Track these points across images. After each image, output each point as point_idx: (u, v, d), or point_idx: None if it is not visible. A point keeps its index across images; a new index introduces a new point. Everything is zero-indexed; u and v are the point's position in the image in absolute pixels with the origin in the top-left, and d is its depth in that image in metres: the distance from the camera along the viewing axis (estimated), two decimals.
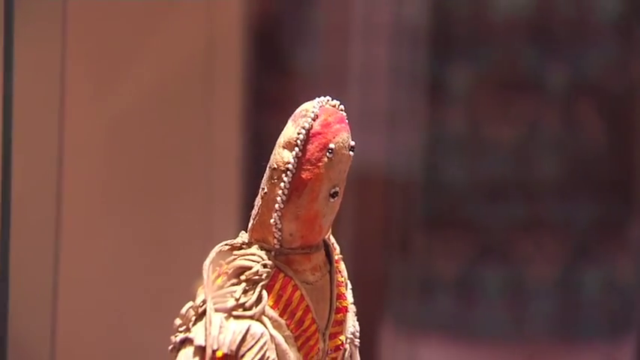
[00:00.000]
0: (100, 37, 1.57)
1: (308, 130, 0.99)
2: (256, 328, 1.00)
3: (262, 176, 1.02)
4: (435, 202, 1.82)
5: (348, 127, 1.01)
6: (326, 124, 1.00)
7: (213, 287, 1.02)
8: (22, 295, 1.28)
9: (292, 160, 0.99)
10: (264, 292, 1.01)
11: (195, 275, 1.03)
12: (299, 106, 1.03)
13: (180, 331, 1.01)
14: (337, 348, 1.06)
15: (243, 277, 1.01)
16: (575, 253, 2.17)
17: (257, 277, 1.01)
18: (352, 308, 1.09)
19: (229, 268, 1.02)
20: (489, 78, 2.09)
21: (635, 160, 2.18)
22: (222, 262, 1.03)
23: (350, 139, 1.02)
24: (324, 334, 1.04)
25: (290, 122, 1.01)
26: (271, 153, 1.01)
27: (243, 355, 0.99)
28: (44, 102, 1.28)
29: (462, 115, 2.13)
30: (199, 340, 0.99)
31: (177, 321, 1.02)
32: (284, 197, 1.00)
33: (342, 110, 1.02)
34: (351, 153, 1.02)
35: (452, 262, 2.10)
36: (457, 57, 2.02)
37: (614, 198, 2.17)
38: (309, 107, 1.01)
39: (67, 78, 1.31)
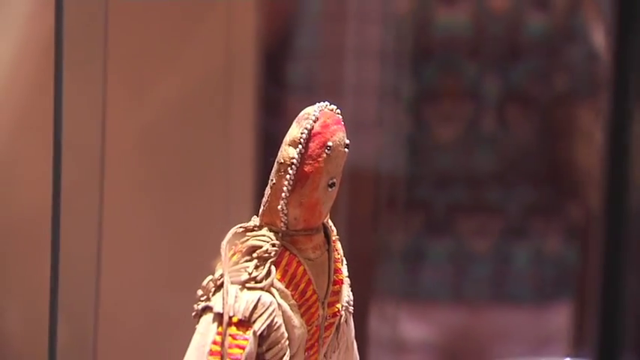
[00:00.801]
0: (136, 56, 1.54)
1: (310, 131, 0.97)
2: (266, 297, 0.97)
3: (271, 170, 1.00)
4: (405, 188, 1.79)
5: (343, 128, 0.99)
6: (325, 125, 0.98)
7: (230, 263, 0.99)
8: (71, 268, 1.24)
9: (296, 156, 0.97)
10: (273, 268, 0.98)
11: (214, 253, 1.01)
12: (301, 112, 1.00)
13: (202, 300, 0.99)
14: (334, 314, 1.03)
15: (255, 255, 0.99)
16: (508, 230, 2.16)
17: (267, 255, 0.98)
18: (347, 281, 1.06)
19: (243, 247, 1.00)
20: (437, 88, 2.12)
21: (557, 154, 2.19)
22: (237, 242, 1.00)
23: (345, 138, 1.00)
24: (323, 303, 1.02)
25: (294, 124, 0.98)
26: (278, 150, 0.99)
27: (255, 321, 0.96)
28: (89, 111, 1.25)
29: (416, 119, 2.15)
30: (218, 308, 0.97)
31: (199, 292, 0.99)
32: (289, 187, 0.97)
33: (338, 113, 1.00)
34: (346, 150, 0.99)
35: (406, 236, 2.11)
36: (399, 70, 2.03)
37: (540, 185, 2.18)
38: (311, 111, 0.98)
39: (108, 91, 1.27)
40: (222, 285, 0.98)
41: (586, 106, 2.23)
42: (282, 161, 0.98)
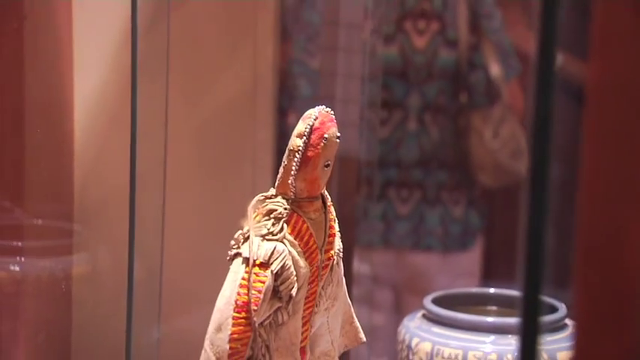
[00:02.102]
0: (190, 76, 1.51)
1: (311, 126, 0.96)
2: (280, 246, 0.96)
3: (283, 155, 0.98)
4: (368, 170, 1.78)
5: (335, 124, 0.98)
6: (322, 122, 0.96)
7: (254, 222, 0.98)
8: (144, 226, 1.23)
9: (302, 145, 0.96)
10: (285, 225, 0.97)
11: (243, 215, 0.98)
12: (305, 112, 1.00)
13: (234, 248, 0.98)
14: (329, 258, 1.01)
15: (272, 215, 0.97)
16: (424, 199, 2.17)
17: (280, 215, 0.97)
18: (338, 234, 1.04)
19: (263, 210, 0.98)
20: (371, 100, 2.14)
21: (459, 147, 2.23)
22: (259, 206, 0.99)
23: (337, 132, 0.98)
24: (321, 250, 1.00)
25: (300, 121, 0.97)
26: (289, 141, 0.98)
27: (272, 263, 0.95)
28: (156, 118, 1.25)
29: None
30: (245, 254, 0.96)
31: (232, 242, 0.98)
32: (297, 167, 0.96)
33: (332, 114, 0.98)
34: (337, 140, 0.98)
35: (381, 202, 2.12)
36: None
37: (448, 168, 2.20)
38: (312, 112, 0.97)
39: (169, 103, 1.25)
40: (248, 237, 0.97)
41: (480, 114, 2.20)
42: (291, 148, 0.96)
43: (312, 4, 2.11)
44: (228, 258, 0.97)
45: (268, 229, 0.96)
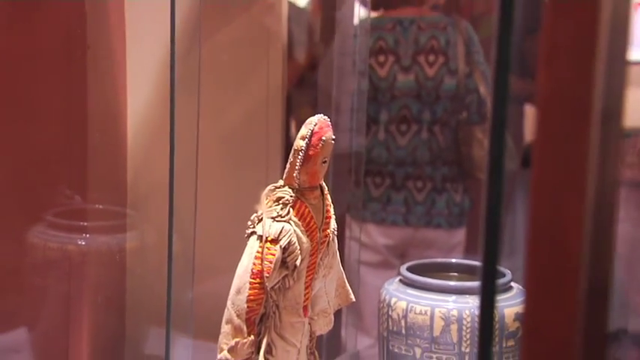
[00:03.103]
0: (216, 89, 1.48)
1: (312, 130, 0.93)
2: (287, 226, 0.93)
3: (289, 154, 0.95)
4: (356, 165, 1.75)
5: (331, 129, 0.96)
6: (320, 127, 0.94)
7: (266, 206, 0.95)
8: (181, 209, 1.21)
9: (304, 145, 0.93)
10: (291, 209, 0.94)
11: (258, 201, 0.96)
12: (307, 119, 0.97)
13: (250, 228, 0.95)
14: (326, 236, 0.99)
15: (280, 202, 0.95)
16: (434, 189, 2.20)
17: (287, 202, 0.94)
18: (333, 216, 1.01)
19: (274, 197, 0.95)
20: (398, 116, 2.13)
21: (461, 151, 2.25)
22: (270, 194, 0.96)
23: (332, 135, 0.95)
24: (319, 229, 0.97)
25: (303, 126, 0.95)
26: (294, 142, 0.96)
27: (280, 239, 0.92)
28: (190, 123, 1.20)
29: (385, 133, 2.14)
30: (259, 232, 0.93)
31: (249, 223, 0.95)
32: (300, 163, 0.94)
33: (328, 121, 0.96)
34: (332, 142, 0.95)
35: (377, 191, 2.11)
36: (380, 106, 1.98)
37: (451, 166, 2.25)
38: (313, 119, 0.94)
39: (200, 112, 1.23)
40: (262, 219, 0.94)
41: (481, 128, 2.23)
42: (296, 148, 0.94)
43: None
44: (245, 235, 0.95)
45: (278, 213, 0.94)
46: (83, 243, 1.46)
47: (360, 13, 1.79)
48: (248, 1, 1.65)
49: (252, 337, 0.92)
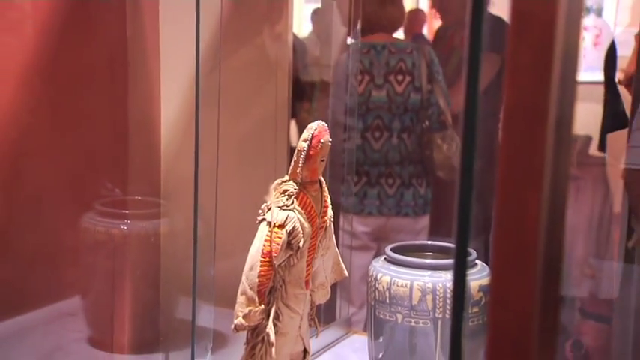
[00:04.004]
0: (233, 102, 1.46)
1: (312, 134, 0.91)
2: (292, 214, 0.92)
3: (293, 154, 0.93)
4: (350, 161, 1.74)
5: (328, 133, 0.93)
6: (320, 132, 0.92)
7: (274, 197, 0.93)
8: (204, 198, 1.20)
9: (306, 147, 0.92)
10: (295, 200, 0.92)
11: (267, 193, 0.95)
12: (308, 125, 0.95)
13: (260, 215, 0.93)
14: (324, 222, 0.97)
15: (286, 193, 0.93)
16: (402, 184, 2.22)
17: (291, 193, 0.92)
18: (330, 206, 0.99)
19: (280, 189, 0.93)
20: (373, 125, 2.12)
21: (425, 154, 2.26)
22: (277, 187, 0.94)
23: (329, 138, 0.93)
24: (319, 216, 0.96)
25: (305, 131, 0.92)
26: (297, 144, 0.93)
27: (286, 225, 0.91)
28: (211, 127, 1.19)
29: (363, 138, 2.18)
30: (268, 219, 0.91)
31: (260, 211, 0.93)
32: (302, 162, 0.92)
33: (326, 126, 0.93)
34: (329, 144, 0.93)
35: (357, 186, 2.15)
36: (357, 117, 2.01)
37: (416, 165, 2.26)
38: (313, 125, 0.92)
39: (220, 118, 1.21)
40: (270, 208, 0.92)
41: (440, 135, 2.22)
42: (299, 149, 0.91)
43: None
44: (257, 222, 0.93)
45: (284, 202, 0.92)
46: (125, 227, 1.45)
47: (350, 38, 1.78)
48: (260, 31, 1.64)
49: (262, 305, 0.91)
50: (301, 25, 2.78)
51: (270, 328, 0.91)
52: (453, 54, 2.43)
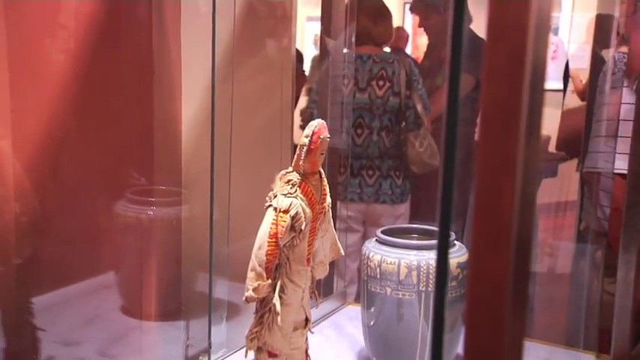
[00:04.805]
0: (244, 102, 1.45)
1: (313, 131, 0.89)
2: (295, 201, 0.90)
3: (296, 149, 0.91)
4: (344, 157, 1.73)
5: (327, 130, 0.91)
6: (320, 128, 0.90)
7: (279, 186, 0.91)
8: (220, 184, 1.17)
9: (307, 142, 0.90)
10: (298, 188, 0.90)
11: (273, 182, 0.93)
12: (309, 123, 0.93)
13: (268, 202, 0.91)
14: (323, 208, 0.95)
15: (290, 183, 0.91)
16: (380, 175, 2.19)
17: (295, 183, 0.90)
18: (328, 194, 0.97)
19: (285, 179, 0.92)
20: (356, 123, 2.12)
21: (402, 150, 2.21)
22: (282, 177, 0.92)
23: (328, 134, 0.91)
24: (318, 203, 0.94)
25: (307, 127, 0.90)
26: (300, 140, 0.91)
27: (290, 210, 0.89)
28: (226, 123, 1.16)
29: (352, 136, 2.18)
30: (275, 205, 0.89)
31: (267, 198, 0.91)
32: (304, 155, 0.90)
33: (325, 123, 0.91)
34: (328, 139, 0.91)
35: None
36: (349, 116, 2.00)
37: (393, 159, 2.23)
38: (314, 122, 0.90)
39: (233, 116, 1.19)
40: (276, 195, 0.90)
41: (414, 133, 2.20)
42: (301, 144, 0.89)
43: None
44: (264, 207, 0.91)
45: (288, 191, 0.90)
46: (151, 213, 1.44)
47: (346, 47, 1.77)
48: (268, 44, 1.62)
49: (269, 280, 0.89)
50: (303, 40, 2.76)
51: (276, 300, 0.90)
52: (442, 66, 2.42)
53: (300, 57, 2.33)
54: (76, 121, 1.32)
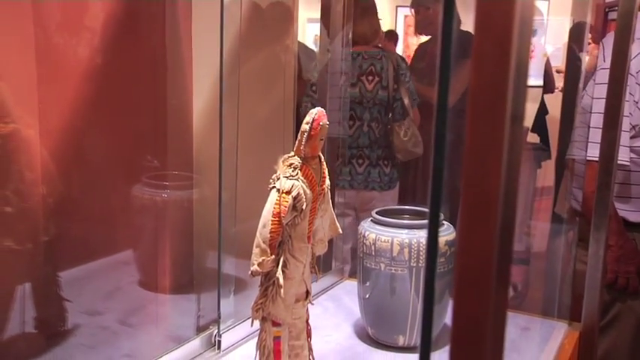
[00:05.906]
0: (249, 96, 1.42)
1: (313, 118, 0.87)
2: (297, 182, 0.87)
3: (298, 134, 0.88)
4: (341, 145, 1.70)
5: (326, 117, 0.88)
6: (319, 116, 0.87)
7: (282, 169, 0.88)
8: (227, 179, 1.15)
9: (308, 128, 0.87)
10: (299, 171, 0.88)
11: (277, 165, 0.90)
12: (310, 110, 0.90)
13: (271, 184, 0.88)
14: (322, 189, 0.92)
15: (292, 166, 0.88)
16: (370, 164, 2.16)
17: (296, 166, 0.88)
18: (327, 177, 0.95)
19: (287, 162, 0.89)
20: (349, 115, 2.09)
21: (389, 140, 2.17)
22: (285, 160, 0.89)
23: (327, 122, 0.88)
24: (318, 185, 0.91)
25: (307, 115, 0.87)
26: (301, 126, 0.88)
27: (292, 191, 0.86)
28: (232, 116, 1.14)
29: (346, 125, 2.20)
30: (278, 187, 0.87)
31: (270, 180, 0.88)
32: (305, 141, 0.87)
33: (324, 111, 0.88)
34: (327, 126, 0.88)
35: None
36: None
37: (382, 148, 2.18)
38: (314, 110, 0.87)
39: (239, 110, 1.17)
40: (279, 178, 0.88)
41: (399, 123, 2.17)
42: (302, 130, 0.87)
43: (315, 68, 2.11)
44: (268, 189, 0.89)
45: (290, 173, 0.87)
46: (165, 196, 1.43)
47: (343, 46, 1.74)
48: (272, 42, 1.60)
49: (273, 256, 0.88)
50: (304, 40, 2.73)
51: (279, 274, 0.88)
52: (434, 62, 2.40)
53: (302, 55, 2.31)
54: (97, 112, 1.31)
